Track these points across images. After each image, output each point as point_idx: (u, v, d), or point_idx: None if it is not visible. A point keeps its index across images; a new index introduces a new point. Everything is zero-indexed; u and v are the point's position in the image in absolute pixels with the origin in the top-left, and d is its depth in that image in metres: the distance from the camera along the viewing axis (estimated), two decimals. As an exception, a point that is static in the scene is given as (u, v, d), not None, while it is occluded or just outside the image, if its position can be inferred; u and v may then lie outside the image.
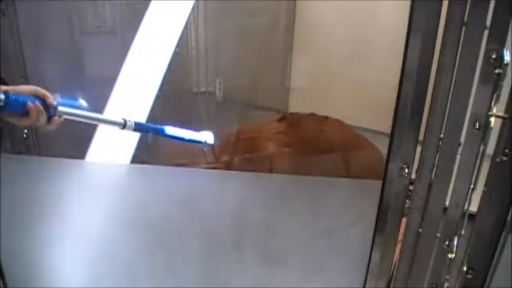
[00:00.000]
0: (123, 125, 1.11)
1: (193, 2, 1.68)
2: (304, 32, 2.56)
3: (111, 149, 1.56)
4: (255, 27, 2.26)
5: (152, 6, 1.53)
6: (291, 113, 1.93)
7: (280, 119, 1.88)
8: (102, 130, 1.53)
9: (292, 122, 1.83)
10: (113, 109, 1.47)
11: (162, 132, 1.19)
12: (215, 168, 1.73)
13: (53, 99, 0.95)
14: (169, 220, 1.30)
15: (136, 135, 1.60)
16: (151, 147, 1.89)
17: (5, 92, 0.88)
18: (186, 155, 1.79)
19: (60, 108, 0.96)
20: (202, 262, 1.17)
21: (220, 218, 1.35)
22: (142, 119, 1.59)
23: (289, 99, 2.64)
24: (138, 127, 1.14)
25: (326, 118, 1.86)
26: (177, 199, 1.39)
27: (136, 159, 1.65)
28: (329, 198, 1.43)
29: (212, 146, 1.32)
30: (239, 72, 2.21)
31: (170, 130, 1.21)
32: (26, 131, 1.20)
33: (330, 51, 2.50)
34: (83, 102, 1.06)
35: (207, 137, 1.30)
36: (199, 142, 1.30)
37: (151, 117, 1.61)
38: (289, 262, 1.17)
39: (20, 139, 1.20)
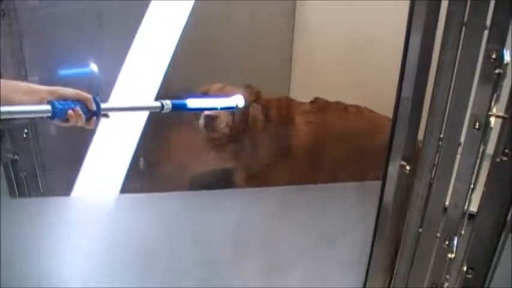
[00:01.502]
0: (161, 108, 1.13)
1: (193, 2, 1.68)
2: (304, 32, 2.55)
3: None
4: (254, 28, 2.26)
5: (152, 6, 1.53)
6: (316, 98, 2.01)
7: (312, 102, 1.98)
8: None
9: (320, 105, 1.92)
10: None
11: (194, 108, 1.19)
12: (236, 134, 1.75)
13: (95, 100, 0.99)
14: (165, 251, 1.24)
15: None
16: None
17: (51, 103, 0.92)
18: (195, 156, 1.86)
19: (105, 104, 1.00)
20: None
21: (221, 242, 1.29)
22: (143, 120, 1.58)
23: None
24: (175, 107, 1.14)
25: (348, 106, 1.97)
26: (174, 227, 1.32)
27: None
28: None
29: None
30: (238, 72, 2.21)
31: (201, 103, 1.19)
32: (26, 130, 1.20)
33: (330, 52, 2.50)
34: (94, 66, 1.06)
35: (238, 101, 1.27)
36: (233, 108, 1.28)
37: (151, 117, 1.61)
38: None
39: (20, 139, 1.20)
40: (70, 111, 0.95)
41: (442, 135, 0.66)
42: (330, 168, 1.82)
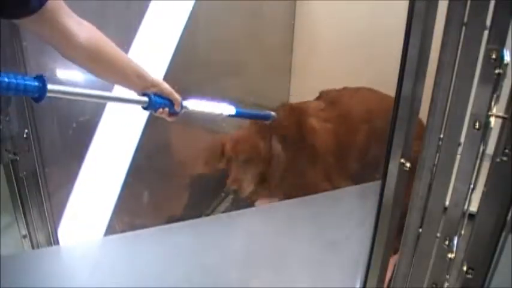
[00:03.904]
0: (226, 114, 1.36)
1: (193, 2, 1.68)
2: (304, 32, 2.56)
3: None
4: (254, 28, 2.26)
5: (152, 6, 1.53)
6: (323, 91, 1.95)
7: (318, 98, 1.95)
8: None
9: (329, 99, 1.89)
10: (114, 108, 1.47)
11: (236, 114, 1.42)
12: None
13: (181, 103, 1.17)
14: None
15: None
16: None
17: (150, 97, 1.08)
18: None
19: (185, 103, 1.20)
20: None
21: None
22: (143, 120, 1.58)
23: (289, 101, 2.64)
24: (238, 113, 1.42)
25: (358, 89, 1.96)
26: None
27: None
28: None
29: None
30: (238, 72, 2.21)
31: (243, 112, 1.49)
32: (26, 130, 1.20)
33: (330, 52, 2.50)
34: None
35: (271, 114, 1.65)
36: (269, 117, 1.63)
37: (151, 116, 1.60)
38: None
39: (20, 139, 1.21)
40: (161, 110, 1.13)
41: (442, 135, 0.66)
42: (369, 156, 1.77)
